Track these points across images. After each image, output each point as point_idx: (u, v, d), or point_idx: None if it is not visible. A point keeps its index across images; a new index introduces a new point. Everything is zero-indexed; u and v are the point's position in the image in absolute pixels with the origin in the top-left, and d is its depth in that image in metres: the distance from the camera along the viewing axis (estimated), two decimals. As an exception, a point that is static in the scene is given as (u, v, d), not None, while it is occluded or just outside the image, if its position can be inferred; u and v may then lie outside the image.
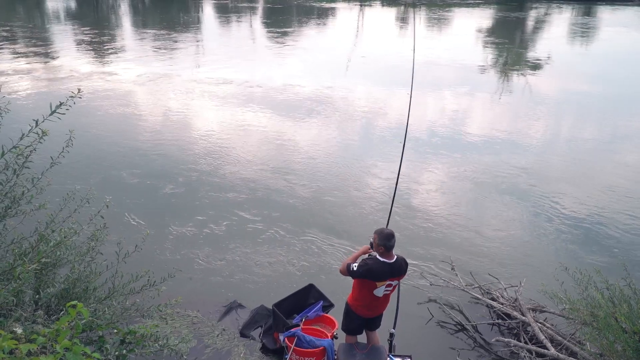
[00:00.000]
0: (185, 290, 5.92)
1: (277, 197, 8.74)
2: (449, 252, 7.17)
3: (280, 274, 6.66)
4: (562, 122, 13.46)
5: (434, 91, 15.99)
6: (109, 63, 19.11)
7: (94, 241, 3.75)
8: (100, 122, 12.32)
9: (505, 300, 5.94)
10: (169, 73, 17.54)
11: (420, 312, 6.00)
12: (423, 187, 9.28)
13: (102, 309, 3.55)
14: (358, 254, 4.58)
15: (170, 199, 8.64)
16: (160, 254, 6.94)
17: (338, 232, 7.61)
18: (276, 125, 12.40)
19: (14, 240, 3.36)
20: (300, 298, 5.46)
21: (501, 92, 16.54)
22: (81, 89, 3.24)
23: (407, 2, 46.30)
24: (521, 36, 29.09)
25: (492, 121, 13.20)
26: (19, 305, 3.10)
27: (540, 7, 42.98)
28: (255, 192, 8.90)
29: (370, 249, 4.56)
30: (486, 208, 8.62)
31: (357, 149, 10.99)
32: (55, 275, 3.63)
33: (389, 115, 13.34)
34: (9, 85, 15.07)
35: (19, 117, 5.16)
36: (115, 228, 7.14)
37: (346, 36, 27.86)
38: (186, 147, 10.86)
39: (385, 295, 4.40)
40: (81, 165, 9.51)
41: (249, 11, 38.81)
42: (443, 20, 35.46)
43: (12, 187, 3.21)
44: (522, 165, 10.21)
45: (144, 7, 41.84)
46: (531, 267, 6.92)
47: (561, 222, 8.13)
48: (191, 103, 14.14)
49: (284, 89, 15.71)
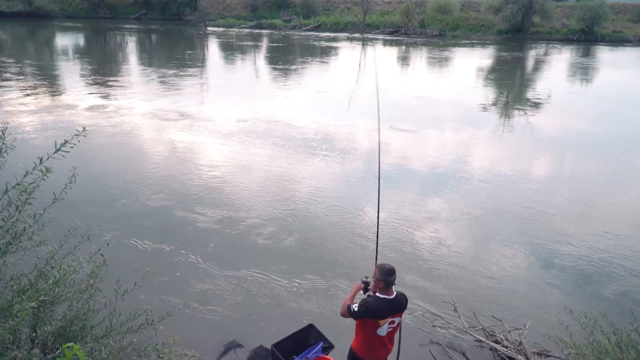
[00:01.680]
0: (183, 329, 5.84)
1: (280, 237, 8.70)
2: (451, 293, 7.08)
3: (279, 313, 6.57)
4: (564, 161, 13.51)
5: (435, 129, 16.14)
6: (115, 99, 19.36)
7: (93, 278, 3.72)
8: (103, 157, 12.39)
9: (509, 344, 5.83)
10: (173, 109, 17.74)
11: (422, 354, 5.89)
12: (423, 226, 9.24)
13: (98, 348, 3.50)
14: (353, 293, 4.50)
15: (172, 233, 8.60)
16: (159, 290, 6.87)
17: (338, 273, 7.54)
18: (278, 162, 12.45)
19: (13, 277, 3.34)
20: (300, 338, 5.37)
21: (502, 130, 16.67)
22: (86, 127, 3.28)
23: (408, 42, 47.16)
24: (521, 76, 29.50)
25: (494, 159, 13.26)
26: (15, 343, 3.05)
27: (540, 48, 43.72)
28: (256, 231, 8.87)
29: (363, 285, 4.50)
30: (488, 247, 8.56)
31: (358, 187, 11.00)
32: (53, 313, 3.59)
33: (391, 152, 13.41)
34: (16, 120, 15.24)
35: (24, 152, 5.21)
36: (114, 264, 7.12)
37: (348, 74, 28.28)
38: (188, 182, 10.88)
39: (389, 333, 4.32)
40: (84, 200, 9.52)
41: (253, 49, 39.53)
42: (443, 59, 36.05)
43: (13, 224, 3.22)
44: (525, 204, 10.19)
45: (151, 45, 42.64)
46: (535, 309, 6.83)
47: (565, 263, 8.06)
48: (194, 139, 14.26)
49: (287, 125, 15.85)
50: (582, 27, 49.22)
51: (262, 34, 52.16)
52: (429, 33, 52.78)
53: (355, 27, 55.74)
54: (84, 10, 63.97)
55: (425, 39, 50.59)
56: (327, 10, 61.83)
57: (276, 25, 58.16)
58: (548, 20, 50.26)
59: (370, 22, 56.46)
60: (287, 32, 54.68)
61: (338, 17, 58.55)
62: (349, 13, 59.19)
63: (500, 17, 49.59)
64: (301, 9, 61.12)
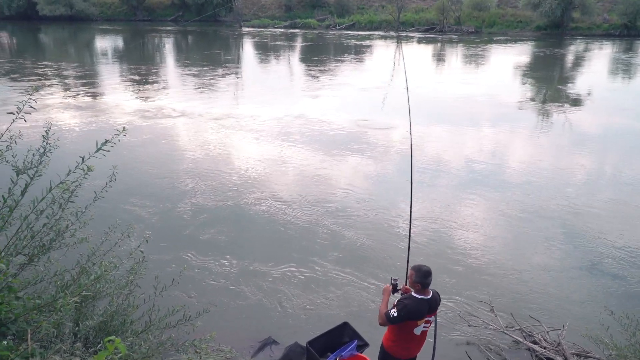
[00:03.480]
0: (219, 325, 5.91)
1: (315, 235, 8.72)
2: (488, 292, 6.97)
3: (315, 311, 6.59)
4: (605, 159, 13.10)
5: (471, 126, 15.90)
6: (153, 99, 19.77)
7: (133, 275, 3.82)
8: (143, 156, 12.67)
9: (547, 344, 5.69)
10: (210, 109, 18.00)
11: (458, 354, 5.81)
12: (461, 225, 9.11)
13: (138, 342, 3.59)
14: (386, 299, 4.44)
15: (210, 234, 8.73)
16: (197, 287, 6.98)
17: (372, 272, 7.51)
18: (314, 160, 12.48)
19: (57, 273, 3.46)
20: (335, 336, 5.37)
21: (540, 127, 16.29)
22: (126, 127, 3.36)
23: (443, 40, 46.58)
24: (560, 72, 28.76)
25: (533, 158, 12.96)
26: (59, 337, 3.16)
27: (579, 44, 42.52)
28: (293, 229, 8.92)
29: (392, 287, 4.48)
30: (527, 247, 8.38)
31: (393, 186, 10.93)
32: (94, 308, 3.71)
33: (427, 150, 13.28)
34: (58, 120, 15.73)
35: (67, 151, 5.38)
36: (153, 261, 7.28)
37: (382, 72, 28.12)
38: (226, 181, 11.02)
39: (422, 332, 4.31)
40: (123, 198, 9.76)
41: (287, 49, 39.74)
42: (480, 56, 35.47)
43: (57, 221, 3.32)
44: (564, 204, 9.94)
45: (187, 47, 43.36)
46: (575, 310, 6.65)
47: (605, 263, 7.83)
48: (230, 138, 14.43)
49: (321, 123, 15.88)
50: (624, 22, 47.51)
51: (296, 34, 52.38)
52: (465, 30, 51.97)
53: (389, 25, 55.39)
54: (122, 13, 65.64)
55: (461, 36, 49.85)
56: (362, 8, 61.57)
57: (310, 25, 58.32)
58: (588, 15, 48.78)
59: (404, 20, 55.96)
60: (321, 32, 54.77)
61: (372, 16, 58.26)
62: (383, 11, 58.80)
63: (539, 13, 48.39)
64: (335, 8, 61.09)
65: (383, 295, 4.49)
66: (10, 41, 44.96)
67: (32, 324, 2.73)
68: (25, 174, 3.15)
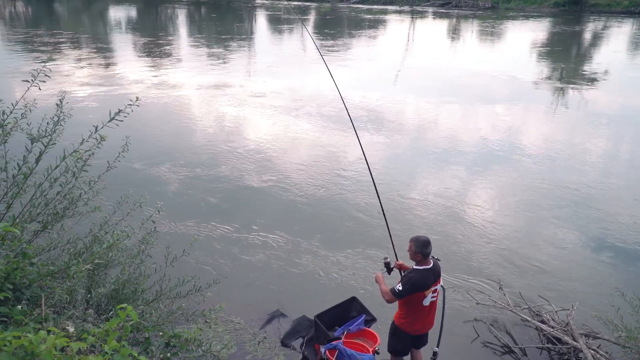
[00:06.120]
0: (229, 296, 5.97)
1: (324, 210, 8.74)
2: (498, 271, 6.97)
3: (323, 285, 6.64)
4: (621, 140, 12.92)
5: (486, 104, 15.70)
6: (166, 71, 19.71)
7: (144, 244, 3.85)
8: (156, 128, 12.68)
9: (556, 324, 5.69)
10: (222, 82, 17.93)
11: (466, 331, 5.85)
12: (471, 203, 9.08)
13: (149, 311, 3.64)
14: (382, 282, 4.49)
15: (222, 205, 8.77)
16: (207, 259, 7.04)
17: (383, 247, 7.51)
18: (325, 136, 12.43)
19: (70, 240, 3.50)
20: (343, 310, 5.42)
21: (556, 106, 16.06)
22: (139, 97, 3.34)
23: (459, 15, 45.77)
24: (577, 50, 28.22)
25: (547, 137, 12.80)
26: (72, 303, 3.21)
27: (599, 21, 41.57)
28: (303, 204, 8.93)
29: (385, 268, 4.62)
30: (538, 227, 8.34)
31: (406, 164, 10.88)
32: (106, 276, 3.75)
33: (440, 128, 13.17)
34: (72, 89, 15.74)
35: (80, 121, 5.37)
36: (164, 231, 7.35)
37: (396, 48, 27.76)
38: (239, 155, 11.00)
39: (431, 303, 4.34)
40: (134, 169, 9.81)
41: (300, 22, 39.31)
42: (496, 33, 34.85)
43: (70, 189, 3.34)
44: (579, 184, 9.85)
45: (200, 18, 43.01)
46: (585, 291, 6.63)
47: (618, 245, 7.77)
48: (242, 112, 14.39)
49: (333, 99, 15.77)
50: (646, -1, 46.35)
51: (310, 7, 51.71)
52: (482, 5, 51.02)
53: (404, 0, 54.43)
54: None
55: (477, 11, 48.94)
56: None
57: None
58: (609, -9, 47.64)
59: (420, -7, 54.96)
60: (335, 5, 53.98)
61: (387, -11, 57.17)
62: (398, -15, 57.69)
63: (558, -11, 47.34)
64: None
65: (379, 281, 4.53)
66: (26, 10, 44.86)
67: (45, 290, 2.76)
68: (39, 142, 3.16)
